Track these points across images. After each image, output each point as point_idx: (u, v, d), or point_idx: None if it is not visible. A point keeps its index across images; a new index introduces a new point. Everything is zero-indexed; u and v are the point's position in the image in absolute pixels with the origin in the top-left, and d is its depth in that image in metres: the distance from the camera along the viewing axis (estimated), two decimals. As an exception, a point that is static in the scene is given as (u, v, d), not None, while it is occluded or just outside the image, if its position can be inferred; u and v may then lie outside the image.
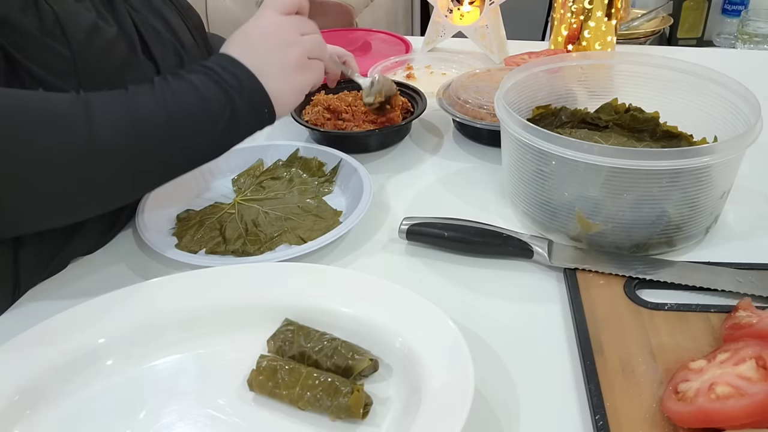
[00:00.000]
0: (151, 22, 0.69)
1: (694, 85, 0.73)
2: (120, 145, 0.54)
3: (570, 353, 0.55)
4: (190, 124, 0.57)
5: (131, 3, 0.68)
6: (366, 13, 1.91)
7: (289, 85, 0.64)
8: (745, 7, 1.79)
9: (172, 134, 0.56)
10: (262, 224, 0.72)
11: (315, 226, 0.71)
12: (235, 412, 0.50)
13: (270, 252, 0.67)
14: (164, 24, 0.71)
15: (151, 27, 0.68)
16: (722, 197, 0.66)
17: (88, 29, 0.59)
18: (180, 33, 0.73)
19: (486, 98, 0.86)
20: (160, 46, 0.68)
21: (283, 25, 0.65)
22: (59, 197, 0.54)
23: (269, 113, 0.62)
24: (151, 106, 0.55)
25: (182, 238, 0.70)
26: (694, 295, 0.59)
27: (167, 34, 0.70)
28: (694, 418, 0.44)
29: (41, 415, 0.50)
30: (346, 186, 0.78)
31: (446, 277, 0.64)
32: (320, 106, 0.89)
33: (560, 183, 0.64)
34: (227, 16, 1.90)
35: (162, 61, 0.68)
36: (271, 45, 0.63)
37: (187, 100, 0.57)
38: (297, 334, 0.54)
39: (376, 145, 0.88)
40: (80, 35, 0.58)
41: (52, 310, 0.55)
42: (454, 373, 0.47)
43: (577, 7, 1.07)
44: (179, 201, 0.76)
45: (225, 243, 0.69)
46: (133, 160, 0.55)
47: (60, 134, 0.52)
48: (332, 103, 0.89)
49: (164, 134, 0.56)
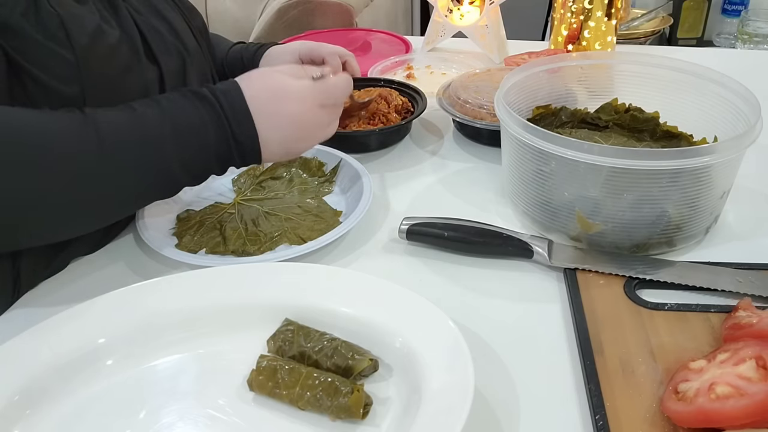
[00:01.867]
0: (153, 24, 0.69)
1: (694, 85, 0.73)
2: (125, 167, 0.55)
3: (570, 353, 0.55)
4: (188, 155, 0.59)
5: (133, 5, 0.68)
6: (366, 13, 1.91)
7: (278, 158, 0.65)
8: (745, 7, 1.79)
9: (173, 160, 0.58)
10: (262, 224, 0.72)
11: (315, 226, 0.71)
12: (235, 412, 0.50)
13: (270, 252, 0.67)
14: (167, 26, 0.71)
15: (153, 29, 0.68)
16: (722, 197, 0.66)
17: (92, 33, 0.59)
18: (183, 35, 0.73)
19: (486, 98, 0.86)
20: (163, 49, 0.68)
21: (316, 127, 0.65)
22: (61, 216, 0.55)
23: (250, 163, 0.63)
24: (157, 132, 0.57)
25: (182, 238, 0.70)
26: (694, 295, 0.59)
27: (170, 36, 0.70)
28: (694, 418, 0.44)
29: (41, 415, 0.50)
30: (346, 186, 0.78)
31: (446, 277, 0.64)
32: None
33: (560, 183, 0.64)
34: (227, 16, 1.90)
35: (165, 64, 0.68)
36: (292, 134, 0.63)
37: (192, 140, 0.58)
38: (297, 334, 0.54)
39: (376, 144, 0.88)
40: (84, 39, 0.58)
41: (52, 310, 0.55)
42: (454, 373, 0.47)
43: (577, 7, 1.07)
44: (179, 201, 0.76)
45: (225, 243, 0.69)
46: (134, 182, 0.57)
47: (68, 156, 0.53)
48: None
49: (167, 156, 0.57)
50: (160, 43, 0.68)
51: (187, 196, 0.77)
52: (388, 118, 0.87)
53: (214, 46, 0.88)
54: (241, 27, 1.86)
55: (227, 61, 0.91)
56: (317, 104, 0.64)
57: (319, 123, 0.65)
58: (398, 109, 0.89)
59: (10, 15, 0.55)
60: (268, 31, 1.68)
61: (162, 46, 0.68)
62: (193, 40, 0.75)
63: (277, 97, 0.62)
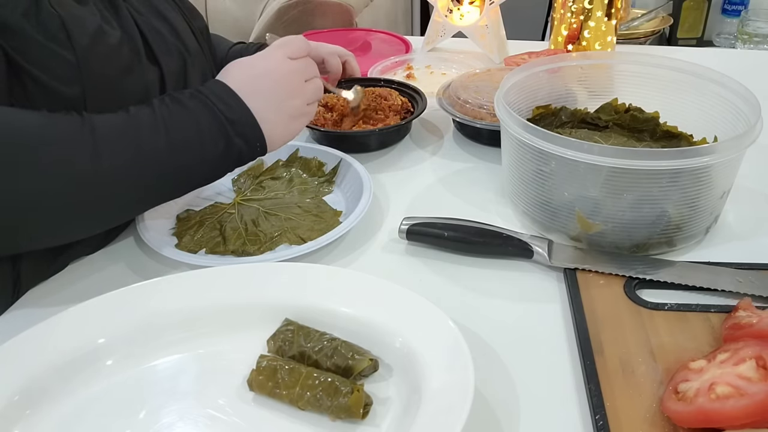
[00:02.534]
0: (154, 24, 0.69)
1: (694, 85, 0.73)
2: (122, 171, 0.56)
3: (570, 353, 0.55)
4: (188, 154, 0.59)
5: (134, 5, 0.67)
6: (366, 13, 1.91)
7: (286, 130, 0.67)
8: (745, 7, 1.79)
9: (171, 161, 0.58)
10: (262, 224, 0.72)
11: (315, 226, 0.71)
12: (235, 412, 0.50)
13: (270, 252, 0.67)
14: (168, 26, 0.71)
15: (154, 30, 0.68)
16: (722, 197, 0.66)
17: (93, 33, 0.59)
18: (184, 36, 0.73)
19: (486, 98, 0.86)
20: (165, 50, 0.68)
21: (292, 73, 0.67)
22: (59, 218, 0.55)
23: (261, 148, 0.65)
24: (152, 134, 0.57)
25: (182, 238, 0.70)
26: (694, 295, 0.59)
27: (171, 37, 0.70)
28: (694, 418, 0.44)
29: (41, 415, 0.50)
30: (346, 186, 0.78)
31: (446, 277, 0.64)
32: (319, 105, 0.89)
33: (560, 183, 0.64)
34: (227, 16, 1.90)
35: (166, 64, 0.68)
36: (278, 93, 0.65)
37: (187, 135, 0.59)
38: (297, 334, 0.54)
39: (376, 144, 0.88)
40: (85, 40, 0.58)
41: (52, 310, 0.55)
42: (454, 373, 0.47)
43: (577, 7, 1.07)
44: (179, 201, 0.76)
45: (225, 243, 0.69)
46: (132, 184, 0.57)
47: (66, 159, 0.53)
48: (330, 101, 0.89)
49: (163, 161, 0.58)
50: (161, 44, 0.68)
51: (186, 196, 0.77)
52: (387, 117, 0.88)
53: (215, 47, 0.88)
54: (241, 27, 1.86)
55: (227, 62, 0.90)
56: (284, 56, 0.67)
57: (296, 70, 0.67)
58: (398, 109, 0.89)
59: (10, 15, 0.55)
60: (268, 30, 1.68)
61: (163, 47, 0.68)
62: (194, 40, 0.75)
63: (252, 74, 0.65)
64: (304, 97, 0.68)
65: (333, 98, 0.90)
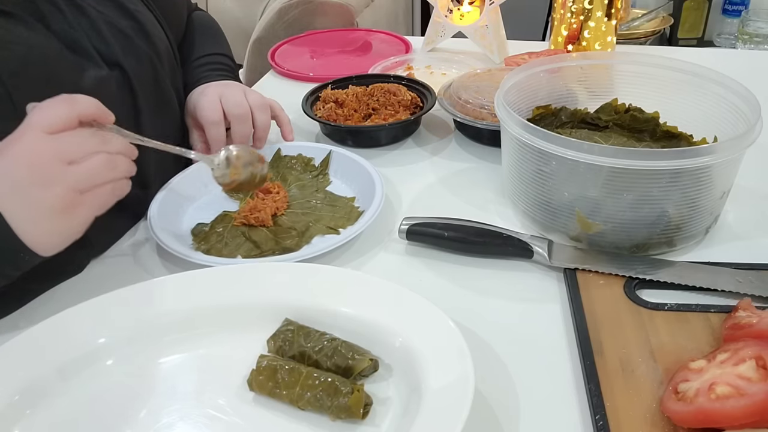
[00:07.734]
0: (119, 25, 0.66)
1: (694, 85, 0.73)
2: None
3: (570, 353, 0.55)
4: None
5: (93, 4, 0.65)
6: (366, 13, 1.91)
7: (54, 229, 0.52)
8: (745, 7, 1.79)
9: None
10: (283, 223, 0.71)
11: (336, 214, 0.72)
12: (235, 412, 0.50)
13: (308, 246, 0.67)
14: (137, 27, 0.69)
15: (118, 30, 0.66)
16: (722, 197, 0.66)
17: (23, 56, 0.55)
18: (155, 39, 0.71)
19: (487, 98, 0.86)
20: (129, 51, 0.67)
21: (42, 155, 0.51)
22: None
23: (29, 257, 0.52)
24: None
25: (209, 252, 0.67)
26: (694, 295, 0.59)
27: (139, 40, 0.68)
28: (694, 418, 0.44)
29: (41, 415, 0.50)
30: (343, 174, 0.79)
31: (446, 277, 0.64)
32: (329, 101, 0.90)
33: (560, 183, 0.64)
34: (228, 16, 1.90)
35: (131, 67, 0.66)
36: (24, 182, 0.51)
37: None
38: (297, 334, 0.54)
39: (386, 139, 0.89)
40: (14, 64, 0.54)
41: (52, 310, 0.55)
42: (454, 373, 0.47)
43: (577, 7, 1.07)
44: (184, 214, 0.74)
45: (258, 246, 0.68)
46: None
47: None
48: (339, 97, 0.90)
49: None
50: (126, 46, 0.66)
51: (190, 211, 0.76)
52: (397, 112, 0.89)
53: (197, 45, 0.87)
54: (242, 27, 1.86)
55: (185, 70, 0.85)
56: (40, 131, 0.51)
57: (50, 151, 0.51)
58: (407, 104, 0.90)
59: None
60: (268, 31, 1.68)
61: (127, 49, 0.66)
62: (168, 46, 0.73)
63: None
64: (66, 183, 0.51)
65: (342, 94, 0.90)
